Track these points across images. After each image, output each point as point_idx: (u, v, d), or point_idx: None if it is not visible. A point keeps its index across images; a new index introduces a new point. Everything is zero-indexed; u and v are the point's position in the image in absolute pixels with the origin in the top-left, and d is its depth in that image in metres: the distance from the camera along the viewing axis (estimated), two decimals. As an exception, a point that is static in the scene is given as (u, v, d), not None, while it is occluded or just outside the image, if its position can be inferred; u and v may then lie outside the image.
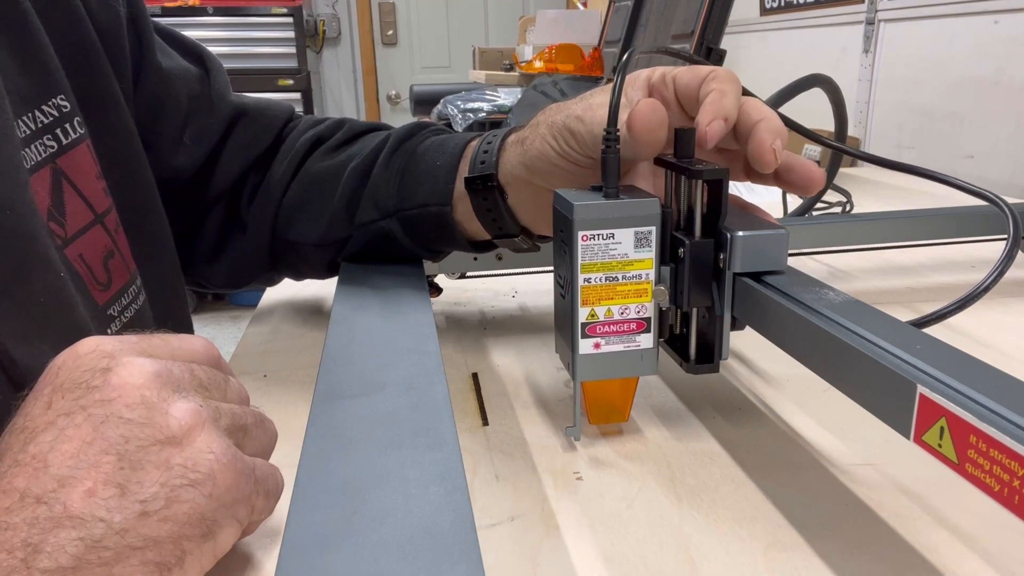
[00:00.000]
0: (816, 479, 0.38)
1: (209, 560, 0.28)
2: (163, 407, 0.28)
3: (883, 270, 0.71)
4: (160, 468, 0.27)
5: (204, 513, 0.27)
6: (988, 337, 0.55)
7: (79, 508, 0.25)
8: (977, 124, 1.37)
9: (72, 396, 0.27)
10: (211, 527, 0.28)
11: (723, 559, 0.32)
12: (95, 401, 0.27)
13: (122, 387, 0.28)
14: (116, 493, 0.26)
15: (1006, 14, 1.30)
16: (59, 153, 0.41)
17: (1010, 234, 0.45)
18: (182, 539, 0.27)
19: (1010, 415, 0.23)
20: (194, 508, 0.27)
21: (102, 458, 0.26)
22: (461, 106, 1.29)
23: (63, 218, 0.40)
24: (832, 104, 0.64)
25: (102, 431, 0.27)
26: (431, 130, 0.56)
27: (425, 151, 0.52)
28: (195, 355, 0.33)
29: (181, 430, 0.28)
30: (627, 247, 0.38)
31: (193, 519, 0.27)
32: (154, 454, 0.27)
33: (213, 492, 0.28)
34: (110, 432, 0.27)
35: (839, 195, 0.92)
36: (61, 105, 0.41)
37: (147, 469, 0.27)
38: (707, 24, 1.18)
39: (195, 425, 0.28)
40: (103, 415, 0.27)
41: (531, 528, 0.34)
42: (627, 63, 0.38)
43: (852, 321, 0.31)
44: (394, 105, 4.15)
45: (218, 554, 0.29)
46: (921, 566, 0.32)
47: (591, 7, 2.31)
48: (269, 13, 3.44)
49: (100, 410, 0.27)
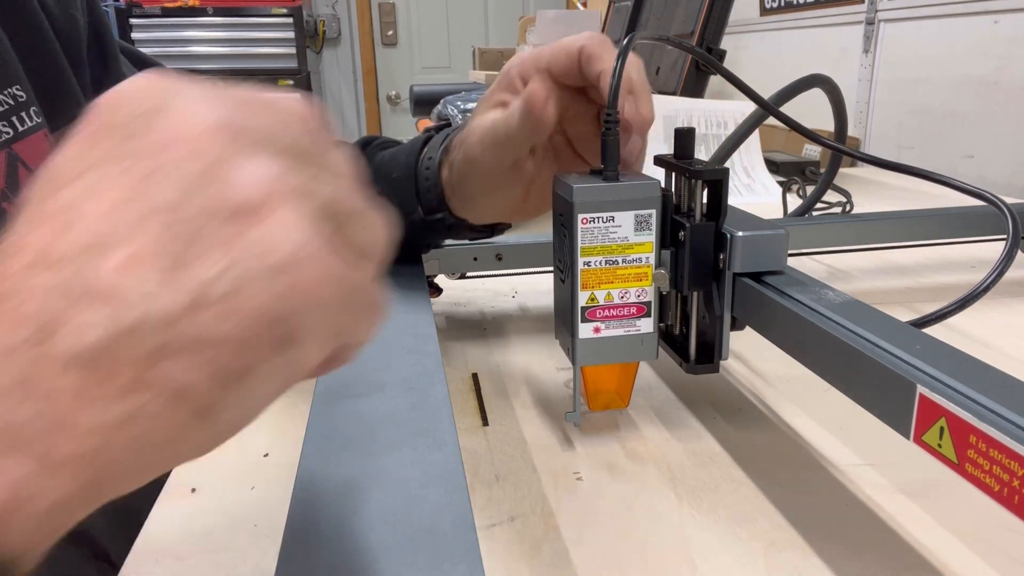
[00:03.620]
0: (816, 479, 0.38)
1: (282, 382, 0.21)
2: (231, 166, 0.20)
3: (883, 270, 0.71)
4: (221, 246, 0.20)
5: (279, 314, 0.20)
6: (988, 337, 0.55)
7: (110, 281, 0.19)
8: (977, 124, 1.37)
9: (109, 143, 0.21)
10: (288, 334, 0.20)
11: (723, 559, 0.32)
12: (136, 150, 0.20)
13: (174, 135, 0.20)
14: (162, 270, 0.19)
15: (1006, 14, 1.30)
16: (14, 139, 0.41)
17: (1009, 234, 0.46)
18: (249, 343, 0.20)
19: (1010, 415, 0.23)
20: (265, 305, 0.20)
21: (143, 224, 0.19)
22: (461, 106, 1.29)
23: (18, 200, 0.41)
24: (832, 104, 0.64)
25: (144, 189, 0.20)
26: (377, 144, 0.57)
27: (379, 166, 0.54)
28: (288, 113, 0.23)
29: (253, 200, 0.20)
30: (627, 230, 0.38)
31: (264, 318, 0.20)
32: (214, 227, 0.20)
33: (294, 288, 0.20)
34: (155, 192, 0.20)
35: (839, 195, 0.92)
36: (17, 95, 0.42)
37: (203, 245, 0.19)
38: (707, 24, 1.18)
39: (273, 196, 0.20)
40: (146, 170, 0.20)
41: (531, 528, 0.34)
42: (627, 48, 0.38)
43: (852, 321, 0.31)
44: (394, 105, 4.15)
45: (294, 376, 0.22)
46: (921, 566, 0.32)
47: (591, 7, 2.31)
48: (269, 13, 3.44)
49: (142, 163, 0.20)
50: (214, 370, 0.19)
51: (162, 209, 0.19)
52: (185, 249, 0.19)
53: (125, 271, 0.19)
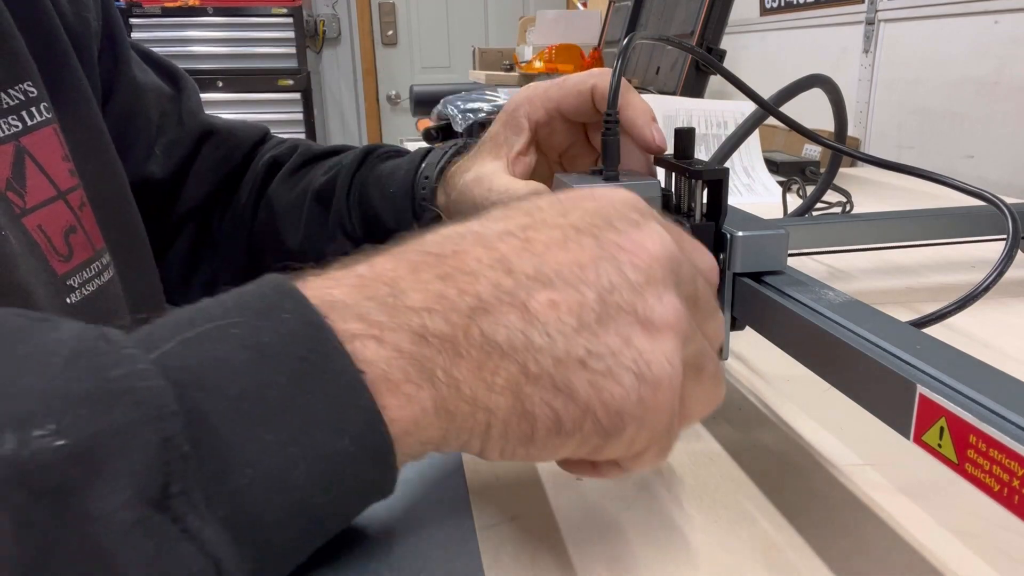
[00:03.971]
0: (816, 479, 0.38)
1: (575, 453, 0.26)
2: (659, 290, 0.26)
3: (883, 270, 0.71)
4: (620, 337, 0.25)
5: (623, 411, 0.25)
6: (988, 337, 0.55)
7: (538, 308, 0.24)
8: (977, 124, 1.37)
9: (591, 221, 0.26)
10: (615, 427, 0.25)
11: (723, 559, 0.32)
12: (610, 241, 0.26)
13: (639, 246, 0.26)
14: (574, 325, 0.24)
15: (1006, 14, 1.30)
16: (23, 132, 0.42)
17: (1009, 234, 0.46)
18: (587, 413, 0.25)
19: (1010, 415, 0.23)
20: (619, 396, 0.25)
21: (584, 286, 0.25)
22: (461, 106, 1.29)
23: (23, 190, 0.41)
24: (832, 104, 0.64)
25: (599, 266, 0.25)
26: (378, 155, 0.58)
27: (378, 179, 0.54)
28: (703, 268, 0.30)
29: (658, 323, 0.25)
30: None
31: (611, 405, 0.25)
32: (624, 321, 0.25)
33: (643, 401, 0.25)
34: (603, 271, 0.25)
35: (839, 195, 0.92)
36: (28, 91, 0.42)
37: (610, 328, 0.25)
38: (707, 24, 1.18)
39: (672, 327, 0.26)
40: (608, 255, 0.26)
41: (531, 528, 0.34)
42: (627, 48, 0.38)
43: (852, 321, 0.31)
44: (394, 105, 4.15)
45: (582, 454, 0.26)
46: (921, 566, 0.32)
47: (591, 7, 2.31)
48: (269, 13, 3.44)
49: (608, 250, 0.26)
50: (553, 414, 0.24)
51: (601, 286, 0.25)
52: (597, 320, 0.25)
53: (553, 307, 0.24)
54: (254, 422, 0.21)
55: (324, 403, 0.22)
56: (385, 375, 0.23)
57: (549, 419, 0.24)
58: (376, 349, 0.23)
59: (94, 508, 0.18)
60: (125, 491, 0.19)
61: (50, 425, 0.18)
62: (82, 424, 0.18)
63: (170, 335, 0.22)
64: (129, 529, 0.19)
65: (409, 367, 0.23)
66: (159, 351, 0.21)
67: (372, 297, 0.24)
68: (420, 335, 0.23)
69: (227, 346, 0.22)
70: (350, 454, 0.22)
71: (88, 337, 0.20)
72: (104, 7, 0.53)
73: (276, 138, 0.65)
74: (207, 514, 0.20)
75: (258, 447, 0.21)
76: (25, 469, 0.18)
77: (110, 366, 0.20)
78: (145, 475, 0.19)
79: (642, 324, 0.25)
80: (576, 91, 0.43)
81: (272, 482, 0.21)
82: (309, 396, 0.22)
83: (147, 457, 0.19)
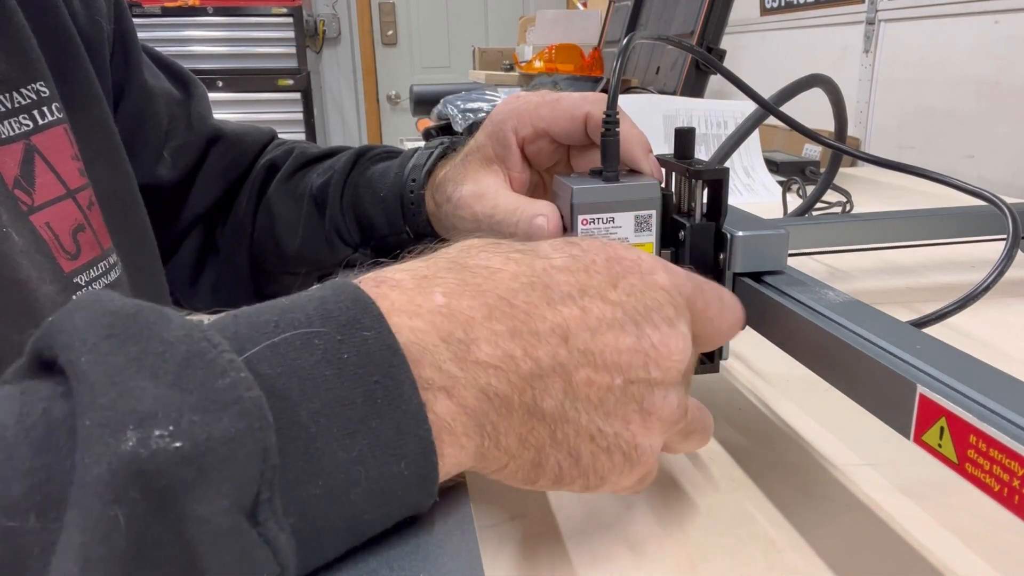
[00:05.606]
0: (816, 479, 0.38)
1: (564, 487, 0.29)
2: (666, 390, 0.29)
3: (883, 270, 0.71)
4: (622, 421, 0.28)
5: (607, 478, 0.29)
6: (988, 337, 0.55)
7: (578, 383, 0.27)
8: (977, 124, 1.37)
9: (635, 306, 0.28)
10: (597, 487, 0.29)
11: (723, 559, 0.32)
12: (646, 336, 0.28)
13: (667, 348, 0.28)
14: (596, 403, 0.27)
15: (1006, 14, 1.30)
16: (34, 131, 0.42)
17: (1009, 234, 0.45)
18: (582, 475, 0.28)
19: (1010, 415, 0.23)
20: (607, 470, 0.28)
21: (616, 372, 0.27)
22: (461, 106, 1.30)
23: (31, 187, 0.41)
24: (832, 104, 0.64)
25: (633, 358, 0.28)
26: (370, 157, 0.58)
27: (369, 182, 0.54)
28: (724, 332, 0.33)
29: (655, 416, 0.29)
30: (627, 231, 0.38)
31: (599, 475, 0.28)
32: (630, 409, 0.28)
33: (624, 474, 0.29)
34: (635, 365, 0.28)
35: (839, 195, 0.92)
36: (40, 91, 0.43)
37: (619, 412, 0.28)
38: (707, 24, 1.18)
39: (664, 422, 0.29)
40: (642, 351, 0.28)
41: (531, 528, 0.34)
42: (627, 47, 0.38)
43: (852, 321, 0.31)
44: (394, 105, 4.15)
45: (565, 488, 0.29)
46: (921, 566, 0.32)
47: (591, 7, 2.32)
48: (269, 13, 3.43)
49: (643, 346, 0.28)
50: (559, 470, 0.28)
51: (628, 377, 0.28)
52: (615, 403, 0.28)
53: (589, 385, 0.27)
54: (331, 437, 0.23)
55: (391, 428, 0.24)
56: (450, 428, 0.25)
57: (554, 473, 0.28)
58: (446, 404, 0.25)
59: (194, 511, 0.19)
60: (226, 497, 0.20)
61: (169, 427, 0.19)
62: (196, 430, 0.19)
63: (257, 336, 0.23)
64: (223, 533, 0.20)
65: (469, 422, 0.26)
66: (248, 353, 0.22)
67: (447, 339, 0.26)
68: (485, 393, 0.26)
69: (312, 358, 0.23)
70: (404, 477, 0.24)
71: (195, 338, 0.21)
72: (117, 12, 0.53)
73: (278, 139, 0.65)
74: (283, 522, 0.22)
75: (331, 462, 0.23)
76: (143, 468, 0.18)
77: (218, 374, 0.21)
78: (244, 483, 0.20)
79: (642, 415, 0.28)
80: (569, 116, 0.42)
81: (336, 496, 0.23)
82: (380, 420, 0.23)
83: (249, 466, 0.20)
